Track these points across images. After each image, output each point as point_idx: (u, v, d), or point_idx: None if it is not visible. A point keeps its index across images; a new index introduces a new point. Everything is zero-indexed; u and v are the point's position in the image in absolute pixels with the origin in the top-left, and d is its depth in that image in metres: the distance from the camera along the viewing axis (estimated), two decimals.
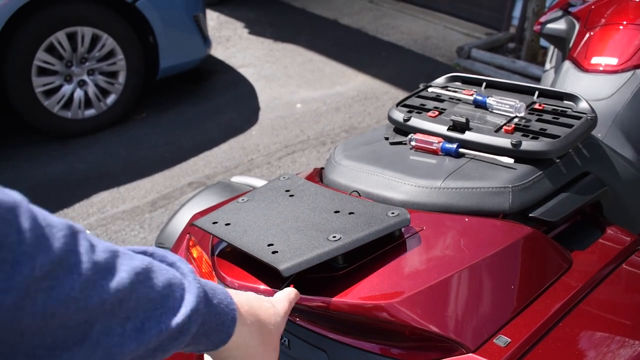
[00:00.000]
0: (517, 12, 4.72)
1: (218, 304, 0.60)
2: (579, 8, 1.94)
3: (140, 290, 0.51)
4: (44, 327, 0.45)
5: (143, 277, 0.52)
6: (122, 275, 0.50)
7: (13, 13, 3.01)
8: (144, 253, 0.58)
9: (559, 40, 2.00)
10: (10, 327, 0.43)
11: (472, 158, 1.08)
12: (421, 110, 1.22)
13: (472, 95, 1.23)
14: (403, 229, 0.93)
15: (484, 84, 1.31)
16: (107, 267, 0.49)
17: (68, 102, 3.37)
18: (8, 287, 0.42)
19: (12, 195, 0.44)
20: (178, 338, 0.55)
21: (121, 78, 3.48)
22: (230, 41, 4.84)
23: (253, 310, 0.66)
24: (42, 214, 0.46)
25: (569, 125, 1.12)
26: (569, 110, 1.19)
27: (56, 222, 0.47)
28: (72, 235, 0.47)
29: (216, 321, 0.59)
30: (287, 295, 0.77)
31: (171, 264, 0.59)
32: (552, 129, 1.11)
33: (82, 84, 3.38)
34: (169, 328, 0.53)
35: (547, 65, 2.22)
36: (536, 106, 1.21)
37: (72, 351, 0.47)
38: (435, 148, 1.10)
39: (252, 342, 0.65)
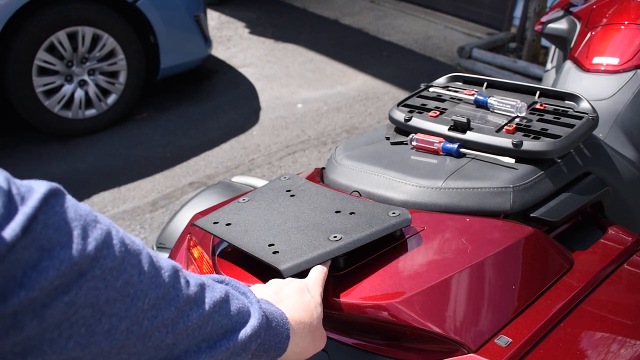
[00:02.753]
0: (518, 12, 4.72)
1: (276, 326, 0.70)
2: (580, 8, 1.94)
3: (216, 318, 0.63)
4: (141, 347, 0.56)
5: (219, 307, 0.63)
6: (205, 307, 0.61)
7: (14, 13, 3.01)
8: (222, 282, 0.70)
9: (560, 40, 2.00)
10: (119, 348, 0.54)
11: (473, 158, 1.08)
12: (422, 110, 1.22)
13: (473, 95, 1.23)
14: (404, 229, 0.93)
15: (485, 84, 1.31)
16: (195, 300, 0.61)
17: (69, 102, 3.37)
18: (125, 315, 0.53)
19: (137, 244, 0.57)
20: (240, 354, 0.66)
21: (122, 78, 3.48)
22: (231, 41, 4.84)
23: (302, 318, 0.75)
24: (155, 257, 0.58)
25: (570, 125, 1.12)
26: (570, 110, 1.19)
27: (164, 264, 0.59)
28: (175, 274, 0.59)
29: (274, 340, 0.70)
30: (317, 275, 0.82)
31: (242, 293, 0.70)
32: (553, 128, 1.11)
33: (82, 83, 3.38)
34: (234, 345, 0.64)
35: (549, 65, 2.22)
36: (537, 106, 1.21)
37: None
38: (436, 148, 1.10)
39: (303, 343, 0.76)
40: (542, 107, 1.20)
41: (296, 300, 0.77)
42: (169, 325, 0.58)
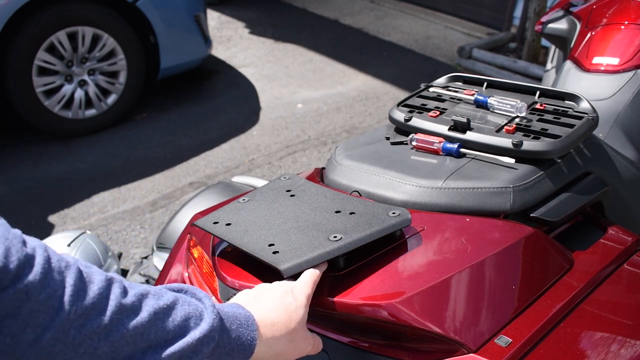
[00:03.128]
0: (518, 12, 4.72)
1: (237, 328, 0.71)
2: (580, 8, 1.94)
3: (159, 324, 0.65)
4: (73, 354, 0.59)
5: (163, 314, 0.65)
6: (143, 315, 0.64)
7: (14, 13, 3.01)
8: (179, 291, 0.72)
9: (560, 40, 2.00)
10: (47, 355, 0.57)
11: (473, 158, 1.08)
12: (422, 110, 1.22)
13: (473, 95, 1.23)
14: (404, 229, 0.93)
15: (485, 84, 1.31)
16: (132, 309, 0.63)
17: (69, 102, 3.37)
18: (50, 325, 0.57)
19: (66, 261, 0.61)
20: (192, 357, 0.67)
21: (122, 78, 3.48)
22: (231, 41, 4.84)
23: (278, 320, 0.76)
24: (87, 272, 0.62)
25: (570, 125, 1.12)
26: (570, 110, 1.19)
27: (96, 278, 0.62)
28: (107, 286, 0.63)
29: (236, 342, 0.70)
30: (307, 279, 0.81)
31: (198, 299, 0.71)
32: (553, 129, 1.11)
33: (82, 83, 3.38)
34: (182, 349, 0.66)
35: (549, 65, 2.22)
36: (537, 106, 1.21)
37: None
38: (436, 148, 1.10)
39: (279, 345, 0.76)
40: (542, 107, 1.20)
41: (274, 302, 0.77)
42: (101, 334, 0.60)
